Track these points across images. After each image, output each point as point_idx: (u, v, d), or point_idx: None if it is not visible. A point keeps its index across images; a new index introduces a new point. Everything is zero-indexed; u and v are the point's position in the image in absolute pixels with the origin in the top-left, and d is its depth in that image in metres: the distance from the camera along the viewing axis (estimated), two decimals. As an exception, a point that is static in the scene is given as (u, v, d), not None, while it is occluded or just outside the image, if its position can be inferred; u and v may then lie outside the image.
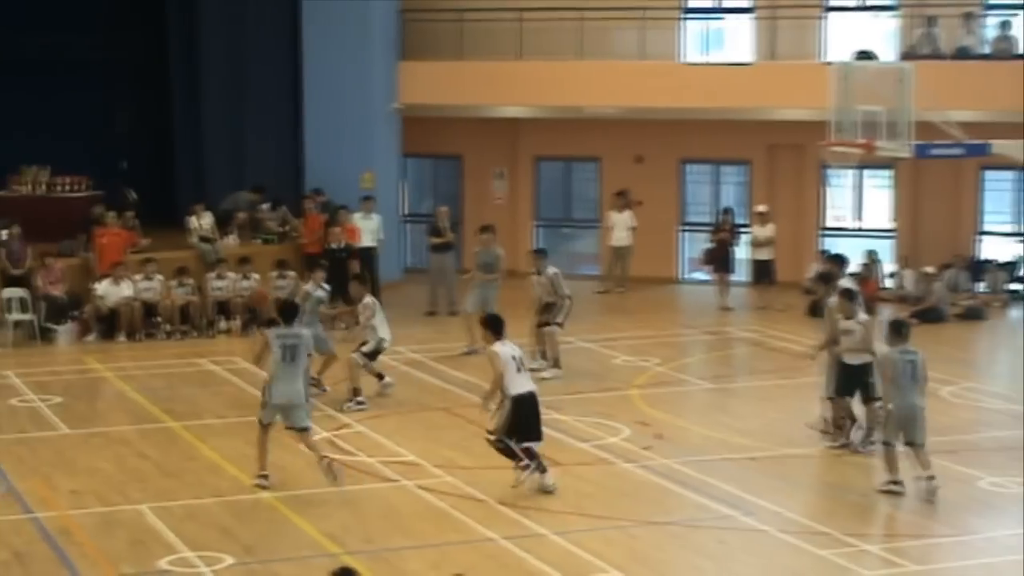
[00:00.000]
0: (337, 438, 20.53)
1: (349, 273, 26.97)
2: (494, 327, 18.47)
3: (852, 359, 19.85)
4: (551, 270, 24.96)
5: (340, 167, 33.29)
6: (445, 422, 21.80)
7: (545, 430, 18.39)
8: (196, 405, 23.08)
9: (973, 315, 30.94)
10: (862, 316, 20.07)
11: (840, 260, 22.93)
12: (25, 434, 21.33)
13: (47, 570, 15.60)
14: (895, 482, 18.04)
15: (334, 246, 30.10)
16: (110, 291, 28.31)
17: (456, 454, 19.94)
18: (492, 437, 18.15)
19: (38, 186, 32.49)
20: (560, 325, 24.87)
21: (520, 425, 17.99)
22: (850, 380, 19.91)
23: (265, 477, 18.38)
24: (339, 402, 22.43)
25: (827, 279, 21.74)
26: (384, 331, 22.91)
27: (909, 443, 18.02)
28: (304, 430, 18.40)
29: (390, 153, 34.93)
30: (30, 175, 32.52)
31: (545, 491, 17.97)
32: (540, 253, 25.96)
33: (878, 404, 19.26)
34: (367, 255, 30.92)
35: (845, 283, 21.24)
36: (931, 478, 17.88)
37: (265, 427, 18.42)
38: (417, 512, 17.55)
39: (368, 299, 23.03)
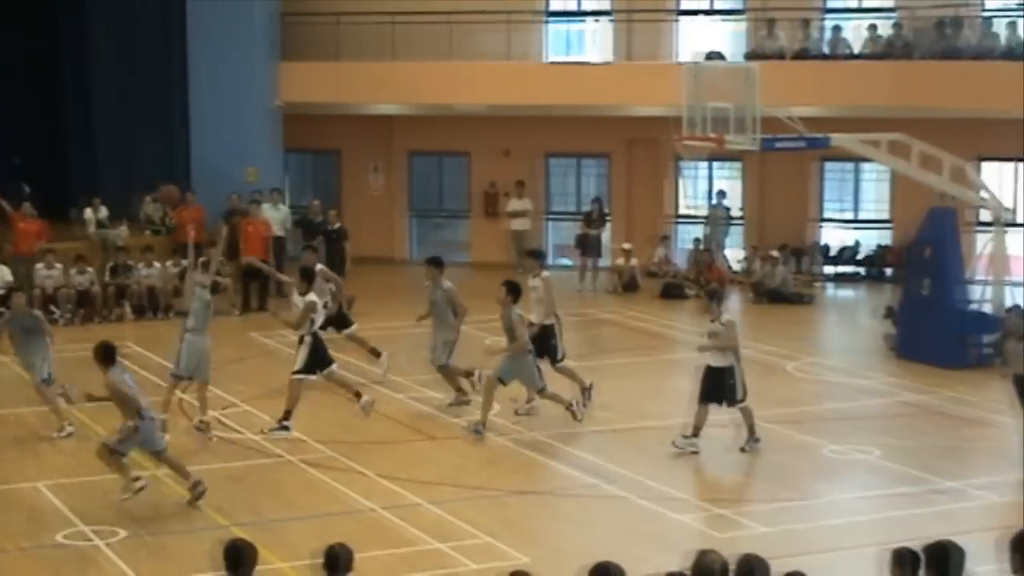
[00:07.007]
0: (224, 417, 20.35)
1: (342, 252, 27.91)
2: None
3: (718, 361, 18.44)
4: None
5: (225, 162, 32.91)
6: (327, 400, 21.58)
7: (418, 407, 18.18)
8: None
9: (809, 298, 30.97)
10: (726, 318, 18.63)
11: (538, 255, 22.22)
12: None
13: None
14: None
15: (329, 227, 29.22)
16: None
17: (337, 430, 19.84)
18: None
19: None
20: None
21: None
22: (715, 384, 18.43)
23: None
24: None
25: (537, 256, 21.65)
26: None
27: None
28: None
29: (273, 149, 34.56)
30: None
31: None
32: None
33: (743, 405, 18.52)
34: (277, 244, 30.59)
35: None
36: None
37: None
38: (300, 485, 17.49)
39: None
